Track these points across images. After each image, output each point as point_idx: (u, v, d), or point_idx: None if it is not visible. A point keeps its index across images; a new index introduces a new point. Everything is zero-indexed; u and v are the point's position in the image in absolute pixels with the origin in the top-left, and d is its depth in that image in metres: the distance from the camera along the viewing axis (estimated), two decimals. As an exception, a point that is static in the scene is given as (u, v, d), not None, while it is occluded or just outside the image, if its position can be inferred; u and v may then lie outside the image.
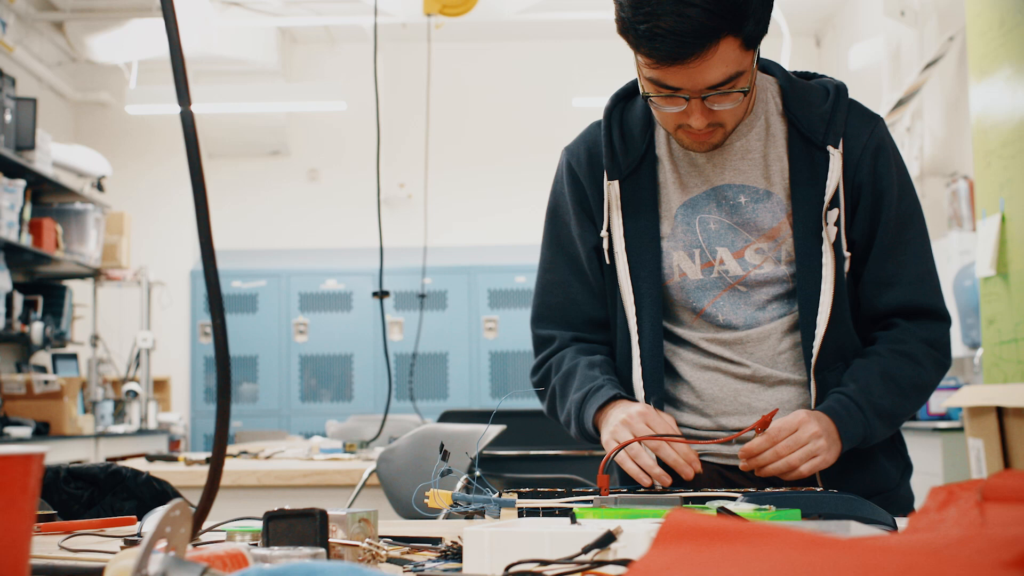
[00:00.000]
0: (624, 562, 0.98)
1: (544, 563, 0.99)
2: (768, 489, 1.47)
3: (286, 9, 7.71)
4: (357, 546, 1.13)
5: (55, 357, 7.06)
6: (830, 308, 1.62)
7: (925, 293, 1.67)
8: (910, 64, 6.47)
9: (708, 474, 1.66)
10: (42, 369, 6.91)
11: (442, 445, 1.55)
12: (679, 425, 1.66)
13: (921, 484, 5.06)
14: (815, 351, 1.62)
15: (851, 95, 1.75)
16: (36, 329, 6.51)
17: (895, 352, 1.64)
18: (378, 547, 1.13)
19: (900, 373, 1.63)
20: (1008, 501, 0.72)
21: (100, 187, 7.34)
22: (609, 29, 1.67)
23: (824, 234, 1.63)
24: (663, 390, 1.68)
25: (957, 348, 5.64)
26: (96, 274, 7.33)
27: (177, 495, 2.03)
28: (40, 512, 1.54)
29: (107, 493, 2.01)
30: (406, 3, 6.99)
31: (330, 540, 1.11)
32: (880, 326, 1.69)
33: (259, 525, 1.27)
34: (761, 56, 1.69)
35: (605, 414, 1.64)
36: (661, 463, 1.57)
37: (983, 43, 4.75)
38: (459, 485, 2.18)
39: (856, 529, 1.17)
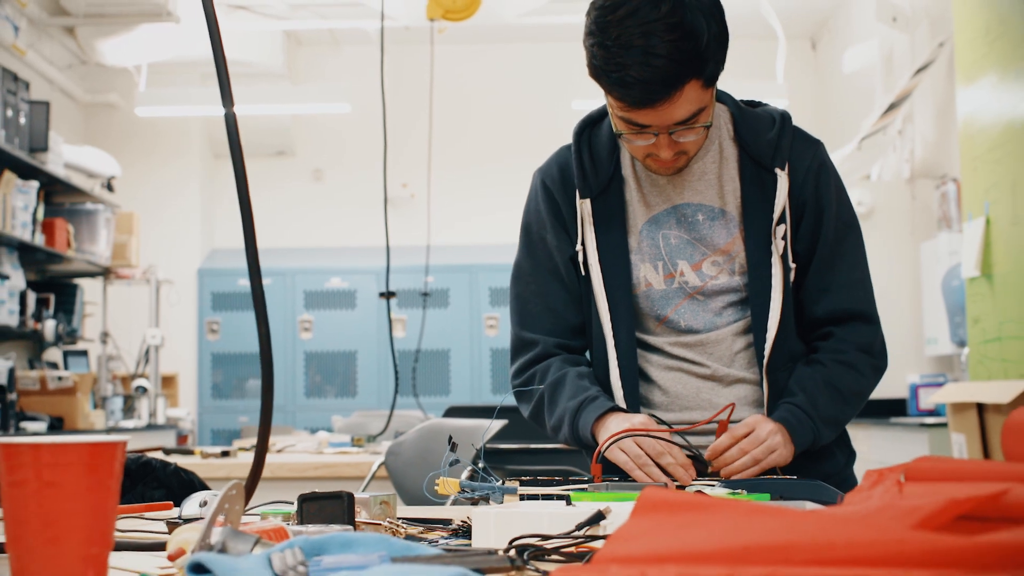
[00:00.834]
0: (612, 537, 1.14)
1: (544, 538, 1.14)
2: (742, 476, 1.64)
3: (291, 13, 7.86)
4: (379, 525, 1.28)
5: (66, 354, 7.22)
6: (779, 314, 1.78)
7: (857, 299, 1.84)
8: (902, 68, 6.62)
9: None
10: (54, 365, 7.07)
11: (450, 437, 1.70)
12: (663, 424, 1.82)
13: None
14: (767, 352, 1.79)
15: (845, 97, 1.93)
16: (48, 326, 6.67)
17: (836, 362, 1.81)
18: (398, 526, 1.29)
19: (842, 382, 1.80)
20: (924, 480, 0.87)
21: (110, 187, 7.49)
22: None
23: (773, 248, 1.79)
24: (637, 392, 1.84)
25: (945, 346, 5.80)
26: (106, 272, 7.48)
27: (203, 485, 2.19)
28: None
29: (138, 483, 2.16)
30: (410, 8, 7.15)
31: (356, 520, 1.27)
32: (818, 335, 1.86)
33: (287, 509, 1.43)
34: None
35: (604, 422, 1.79)
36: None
37: (970, 51, 4.89)
38: (465, 474, 2.33)
39: (810, 507, 1.33)
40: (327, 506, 1.24)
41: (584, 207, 1.87)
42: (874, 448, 5.83)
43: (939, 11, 6.16)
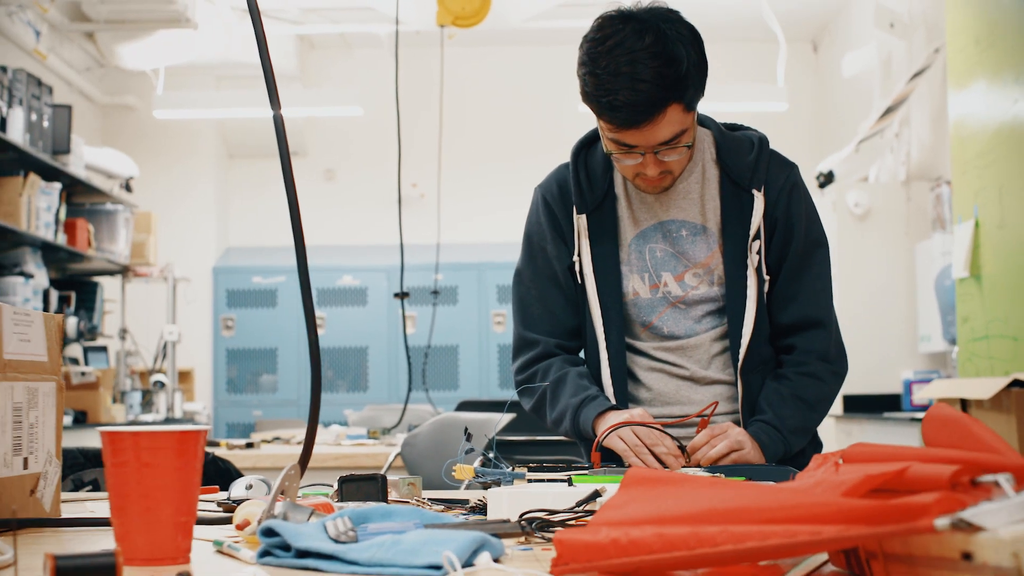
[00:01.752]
0: (607, 512, 1.34)
1: (549, 512, 1.35)
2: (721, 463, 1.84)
3: (304, 17, 8.05)
4: (408, 503, 1.49)
5: (86, 350, 7.44)
6: (753, 322, 1.98)
7: (818, 307, 2.04)
8: (899, 73, 6.79)
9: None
10: (75, 361, 7.28)
11: (466, 428, 1.91)
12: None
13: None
14: (741, 356, 1.99)
15: (845, 100, 2.14)
16: (71, 323, 6.87)
17: (800, 375, 2.01)
18: (425, 503, 1.49)
19: (807, 393, 2.00)
20: (857, 461, 1.07)
21: (128, 188, 7.70)
22: None
23: (748, 261, 1.99)
24: (626, 390, 2.04)
25: (937, 343, 5.99)
26: (124, 271, 7.68)
27: (238, 473, 2.39)
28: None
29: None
30: (420, 13, 7.34)
31: (388, 499, 1.47)
32: (783, 345, 2.06)
33: (323, 490, 1.64)
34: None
35: (604, 418, 1.98)
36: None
37: (961, 59, 5.07)
38: (478, 462, 2.53)
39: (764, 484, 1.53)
40: (363, 486, 1.45)
41: (580, 221, 2.07)
42: (867, 440, 6.02)
43: (935, 18, 6.34)
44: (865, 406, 6.35)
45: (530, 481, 1.73)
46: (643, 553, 0.92)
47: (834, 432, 6.46)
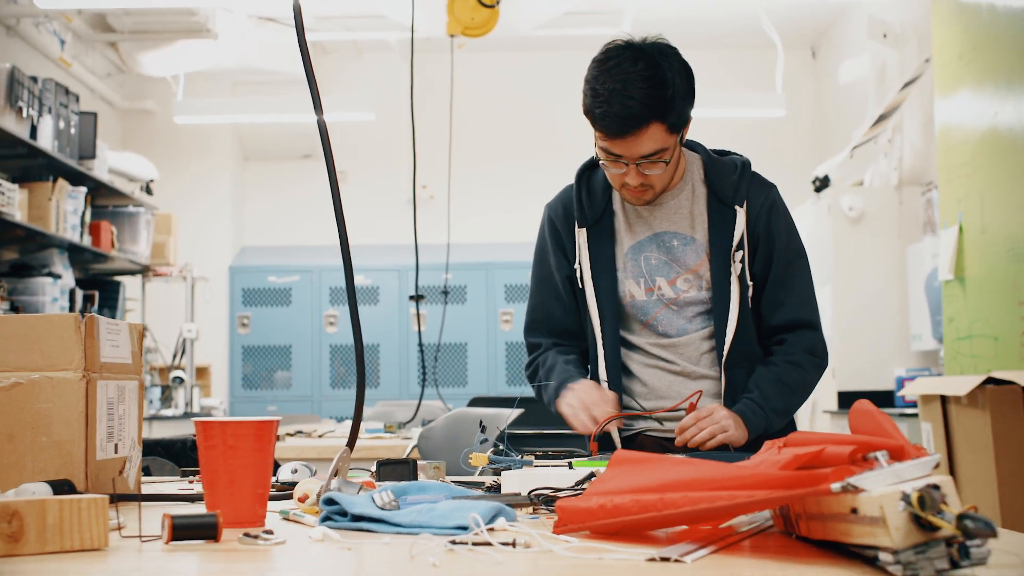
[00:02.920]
0: (600, 489, 1.62)
1: (554, 489, 1.62)
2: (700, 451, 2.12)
3: (318, 24, 8.32)
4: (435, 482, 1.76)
5: (109, 347, 7.71)
6: (736, 322, 2.26)
7: (805, 311, 2.32)
8: (892, 81, 7.04)
9: (651, 447, 2.29)
10: (98, 358, 7.55)
11: (481, 422, 2.19)
12: (633, 408, 2.32)
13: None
14: (724, 353, 2.26)
15: (842, 107, 2.41)
16: (95, 322, 7.16)
17: (786, 362, 2.29)
18: (448, 483, 1.76)
19: (790, 378, 2.27)
20: (795, 445, 1.35)
21: (148, 190, 7.99)
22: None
23: (732, 269, 2.27)
24: (621, 383, 2.31)
25: (928, 342, 6.25)
26: (145, 270, 7.97)
27: (276, 462, 2.67)
28: (197, 468, 2.16)
29: (222, 459, 2.65)
30: (430, 21, 7.60)
31: (417, 480, 1.75)
32: (774, 340, 2.33)
33: (362, 473, 1.91)
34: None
35: (566, 392, 2.27)
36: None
37: (947, 72, 5.32)
38: (490, 451, 2.81)
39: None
40: (397, 469, 1.73)
41: (581, 235, 2.36)
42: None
43: (926, 29, 6.58)
44: (859, 402, 6.60)
45: (537, 466, 2.01)
46: (623, 515, 1.20)
47: (829, 426, 6.72)
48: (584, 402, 2.20)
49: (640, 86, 2.12)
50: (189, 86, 8.42)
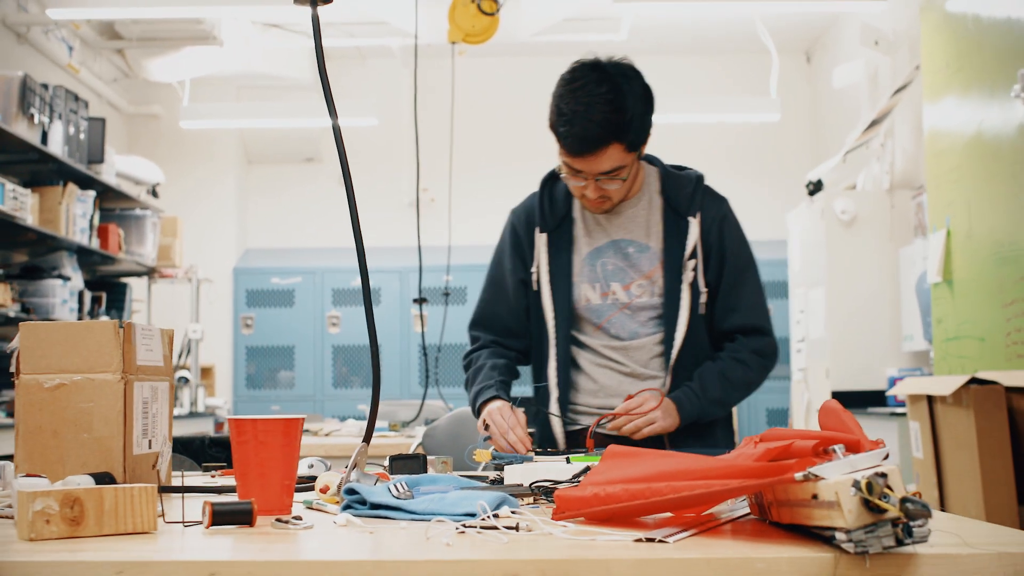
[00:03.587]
0: (595, 481, 1.76)
1: (553, 482, 1.77)
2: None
3: (323, 31, 8.45)
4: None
5: (116, 347, 7.85)
6: (685, 328, 2.40)
7: (756, 317, 2.47)
8: (884, 87, 7.19)
9: (601, 440, 2.41)
10: (106, 358, 7.69)
11: (485, 419, 2.34)
12: (579, 404, 2.48)
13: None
14: (673, 357, 2.40)
15: (832, 114, 2.57)
16: (103, 323, 7.30)
17: (732, 359, 2.44)
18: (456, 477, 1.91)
19: (732, 374, 2.42)
20: (769, 440, 1.50)
21: (155, 193, 8.13)
22: (612, 50, 2.48)
23: (684, 277, 2.42)
24: (569, 379, 2.46)
25: (919, 343, 6.39)
26: (151, 272, 8.11)
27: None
28: (217, 464, 2.31)
29: (238, 455, 2.79)
30: (432, 29, 7.75)
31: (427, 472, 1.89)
32: (727, 340, 2.47)
33: (371, 469, 2.05)
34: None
35: (483, 408, 2.43)
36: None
37: (935, 81, 5.46)
38: (492, 447, 2.96)
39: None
40: (408, 463, 1.87)
41: (541, 239, 2.51)
42: (853, 435, 6.43)
43: (917, 37, 6.71)
44: (853, 401, 6.74)
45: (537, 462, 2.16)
46: (614, 502, 1.34)
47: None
48: (501, 428, 2.32)
49: (602, 109, 2.27)
50: (194, 91, 8.56)
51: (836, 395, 6.83)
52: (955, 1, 5.25)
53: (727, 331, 2.47)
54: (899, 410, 5.82)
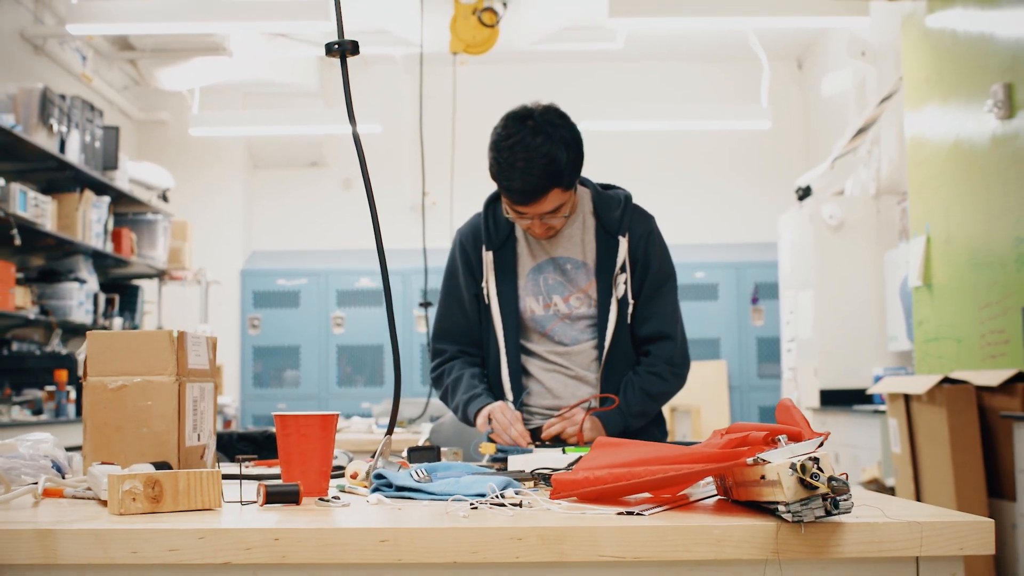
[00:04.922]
0: (587, 469, 2.03)
1: (552, 469, 2.04)
2: None
3: (326, 39, 8.71)
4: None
5: (129, 347, 8.10)
6: (611, 336, 2.66)
7: (668, 324, 2.71)
8: (872, 96, 7.44)
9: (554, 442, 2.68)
10: (119, 358, 7.94)
11: (489, 417, 2.60)
12: (532, 405, 2.73)
13: (865, 457, 5.99)
14: (602, 361, 2.67)
15: (823, 120, 2.82)
16: (116, 324, 7.57)
17: (648, 373, 2.69)
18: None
19: (651, 387, 2.68)
20: (732, 432, 1.76)
21: (165, 198, 8.40)
22: (609, 58, 2.74)
23: (613, 290, 2.67)
24: (521, 385, 2.71)
25: (903, 343, 6.65)
26: (162, 275, 8.37)
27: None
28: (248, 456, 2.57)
29: (263, 449, 3.05)
30: (434, 39, 8.00)
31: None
32: (642, 351, 2.73)
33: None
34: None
35: (483, 411, 2.66)
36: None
37: (915, 93, 5.72)
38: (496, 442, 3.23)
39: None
40: (424, 454, 2.14)
41: (487, 257, 2.76)
42: (839, 430, 6.71)
43: (901, 48, 6.98)
44: (840, 399, 7.01)
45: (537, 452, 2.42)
46: (601, 484, 1.61)
47: (812, 421, 7.13)
48: (503, 424, 2.57)
49: (538, 163, 2.51)
50: (202, 98, 8.82)
51: (824, 393, 7.10)
52: (934, 17, 5.50)
53: (642, 337, 2.71)
54: (882, 407, 6.05)
